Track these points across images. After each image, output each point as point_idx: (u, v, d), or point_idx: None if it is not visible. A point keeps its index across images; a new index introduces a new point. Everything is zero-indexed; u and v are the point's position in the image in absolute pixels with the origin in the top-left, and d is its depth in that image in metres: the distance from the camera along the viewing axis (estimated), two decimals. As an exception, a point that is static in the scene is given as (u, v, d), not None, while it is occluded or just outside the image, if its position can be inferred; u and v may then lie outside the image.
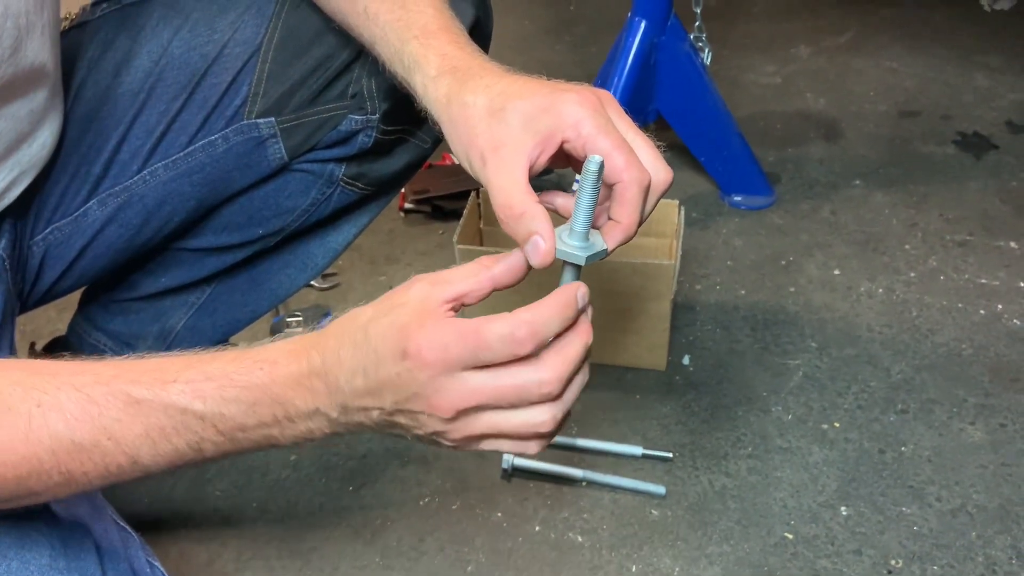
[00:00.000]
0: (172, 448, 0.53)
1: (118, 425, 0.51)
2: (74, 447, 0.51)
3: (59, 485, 0.52)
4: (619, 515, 0.96)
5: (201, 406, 0.52)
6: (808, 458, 1.01)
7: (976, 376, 1.11)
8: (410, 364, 0.49)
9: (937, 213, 1.40)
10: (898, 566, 0.89)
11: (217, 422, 0.52)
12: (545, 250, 0.52)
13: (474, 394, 0.49)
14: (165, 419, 0.52)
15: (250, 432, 0.53)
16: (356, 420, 0.53)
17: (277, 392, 0.52)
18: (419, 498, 0.99)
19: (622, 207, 0.55)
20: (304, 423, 0.53)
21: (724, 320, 1.22)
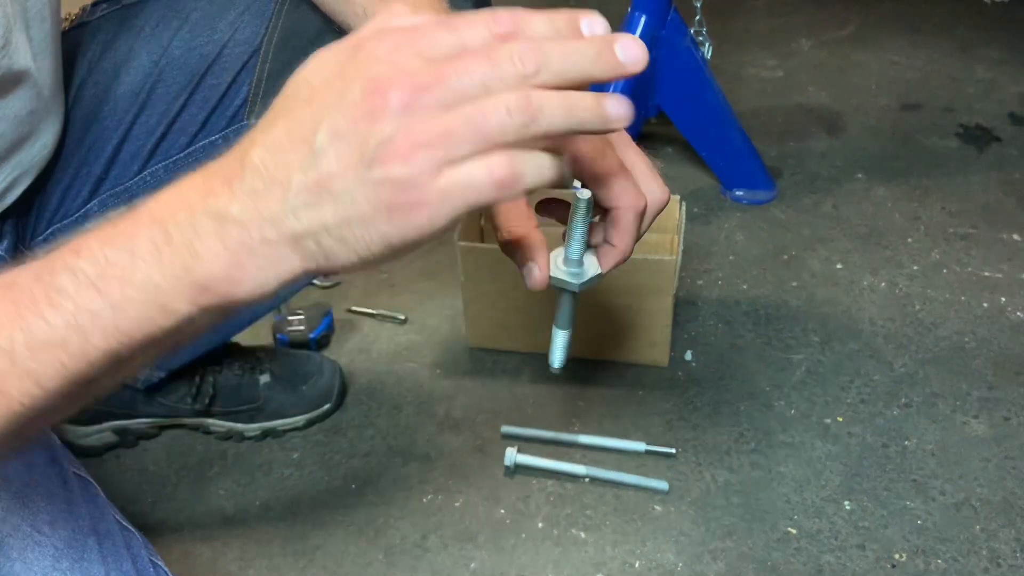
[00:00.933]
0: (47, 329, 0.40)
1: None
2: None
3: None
4: (622, 511, 0.96)
5: (73, 259, 0.40)
6: (811, 453, 1.01)
7: (979, 369, 1.11)
8: (360, 55, 0.38)
9: (939, 206, 1.40)
10: (902, 560, 0.89)
11: (92, 274, 0.40)
12: (539, 277, 0.52)
13: (433, 68, 0.37)
14: (38, 289, 0.40)
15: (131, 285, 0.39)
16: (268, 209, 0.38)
17: (159, 207, 0.40)
18: (422, 496, 0.99)
19: (618, 232, 0.55)
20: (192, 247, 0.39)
21: (726, 315, 1.22)
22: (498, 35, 0.38)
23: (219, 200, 0.38)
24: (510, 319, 1.15)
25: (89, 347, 0.41)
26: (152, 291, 0.39)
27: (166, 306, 0.39)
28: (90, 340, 0.40)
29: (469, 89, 0.37)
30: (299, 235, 0.38)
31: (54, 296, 0.40)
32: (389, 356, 1.19)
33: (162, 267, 0.39)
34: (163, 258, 0.39)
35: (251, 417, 1.05)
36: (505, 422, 1.07)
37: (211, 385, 1.03)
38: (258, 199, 0.38)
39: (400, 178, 0.36)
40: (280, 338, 1.17)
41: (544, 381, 1.14)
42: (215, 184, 0.39)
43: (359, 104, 0.36)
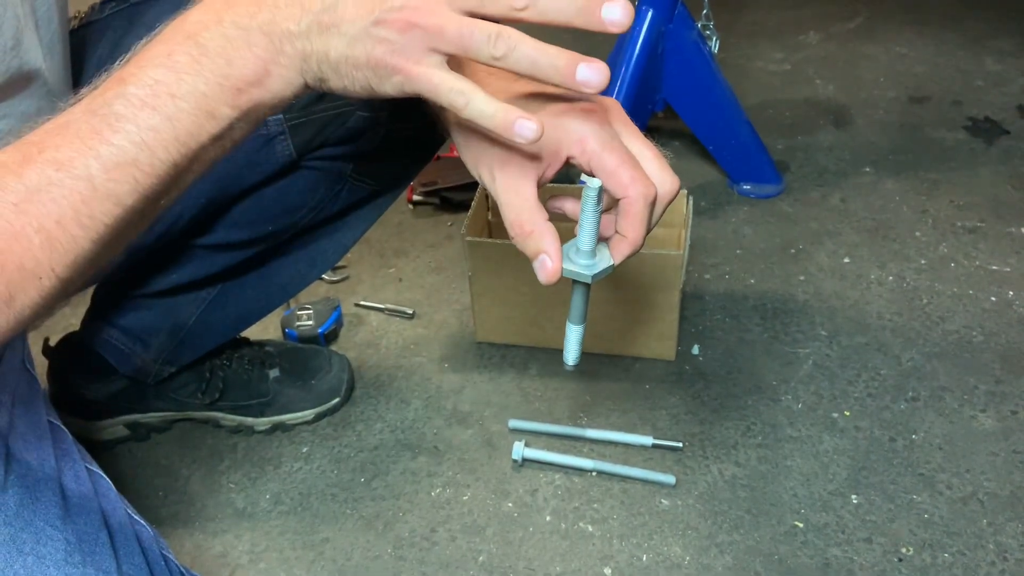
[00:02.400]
0: (115, 151, 0.45)
1: (58, 151, 0.45)
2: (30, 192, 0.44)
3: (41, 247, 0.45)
4: (629, 504, 0.97)
5: (122, 88, 0.46)
6: (818, 446, 1.02)
7: (987, 363, 1.11)
8: None
9: (947, 199, 1.40)
10: (909, 554, 0.90)
11: (144, 96, 0.45)
12: (552, 269, 0.54)
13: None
14: (97, 120, 0.45)
15: (181, 98, 0.45)
16: (282, 27, 0.46)
17: (188, 26, 0.46)
18: (430, 489, 1.00)
19: (628, 222, 0.56)
20: (221, 55, 0.45)
21: (733, 309, 1.22)
22: None
23: (245, 11, 0.45)
24: (517, 314, 1.15)
25: (156, 160, 0.46)
26: (200, 99, 0.46)
27: (213, 112, 0.46)
28: (156, 154, 0.46)
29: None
30: (307, 55, 0.46)
31: (114, 122, 0.45)
32: (397, 350, 1.20)
33: (204, 77, 0.45)
34: (203, 69, 0.45)
35: (261, 411, 1.05)
36: (513, 416, 1.08)
37: (221, 379, 1.03)
38: (281, 16, 0.45)
39: (392, 42, 0.45)
40: (289, 333, 1.18)
41: (551, 375, 1.14)
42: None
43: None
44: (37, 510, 0.58)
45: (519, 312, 1.15)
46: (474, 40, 0.46)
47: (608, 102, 0.57)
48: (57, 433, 0.66)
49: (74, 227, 0.45)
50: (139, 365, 0.95)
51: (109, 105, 0.45)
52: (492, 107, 0.48)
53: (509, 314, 1.16)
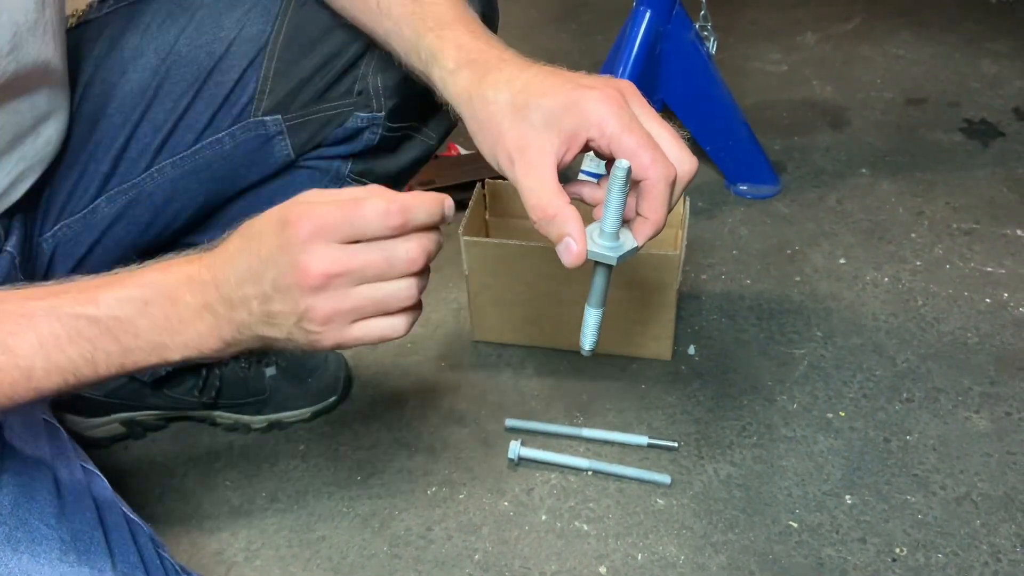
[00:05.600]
0: (66, 359, 0.52)
1: (12, 338, 0.51)
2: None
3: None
4: (625, 504, 0.97)
5: (95, 310, 0.53)
6: (813, 447, 1.02)
7: (981, 365, 1.11)
8: (288, 232, 0.52)
9: (943, 201, 1.40)
10: (902, 554, 0.90)
11: (112, 326, 0.53)
12: (578, 252, 0.55)
13: (344, 259, 0.52)
14: (59, 327, 0.52)
15: (142, 339, 0.53)
16: (239, 318, 0.54)
17: (170, 287, 0.54)
18: (426, 487, 1.00)
19: (650, 203, 0.56)
20: (193, 326, 0.54)
21: (729, 309, 1.22)
22: (393, 227, 0.52)
23: (208, 297, 0.54)
24: (514, 313, 1.16)
25: (95, 375, 0.54)
26: (157, 347, 0.54)
27: (164, 356, 0.55)
28: (98, 371, 0.54)
29: (370, 279, 0.53)
30: (257, 335, 0.55)
31: (75, 337, 0.52)
32: (394, 350, 1.20)
33: (170, 332, 0.54)
34: (171, 326, 0.54)
35: (257, 409, 1.05)
36: (509, 415, 1.08)
37: (217, 378, 1.03)
38: (232, 308, 0.54)
39: (317, 333, 0.54)
40: (286, 331, 1.18)
41: (548, 375, 1.14)
42: (207, 282, 0.54)
43: (292, 273, 0.52)
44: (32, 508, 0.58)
45: (516, 311, 1.15)
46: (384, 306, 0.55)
47: (623, 84, 0.57)
48: (52, 431, 0.66)
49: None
50: (134, 365, 0.96)
51: (76, 319, 0.52)
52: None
53: (506, 313, 1.16)
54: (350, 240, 0.52)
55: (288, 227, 0.52)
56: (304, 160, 0.81)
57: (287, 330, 0.54)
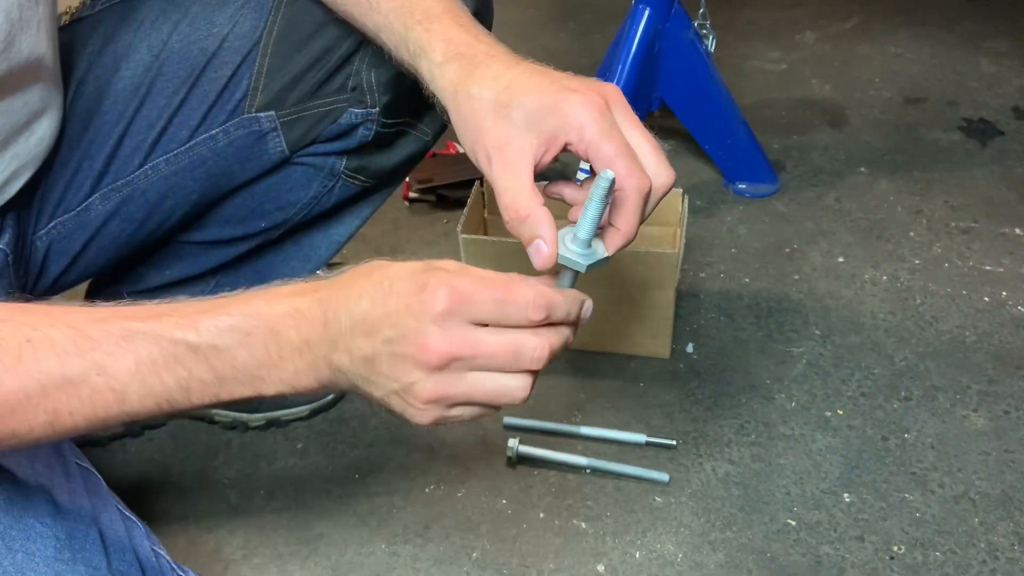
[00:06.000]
0: (161, 385, 0.51)
1: (110, 359, 0.50)
2: (64, 382, 0.49)
3: (43, 426, 0.50)
4: (623, 502, 0.97)
5: (195, 337, 0.51)
6: (811, 445, 1.02)
7: (980, 363, 1.11)
8: (424, 297, 0.49)
9: (942, 200, 1.40)
10: (900, 552, 0.90)
11: (210, 355, 0.51)
12: (548, 255, 0.54)
13: (472, 342, 0.50)
14: (157, 352, 0.50)
15: (240, 370, 0.51)
16: (337, 362, 0.52)
17: (274, 321, 0.51)
18: (424, 485, 1.00)
19: (622, 214, 0.56)
20: (292, 362, 0.52)
21: (728, 308, 1.22)
22: (532, 320, 0.51)
23: (313, 334, 0.51)
24: (512, 311, 1.15)
25: (188, 403, 0.52)
26: (254, 379, 0.52)
27: (259, 389, 0.53)
28: (192, 399, 0.52)
29: (489, 368, 0.51)
30: (353, 385, 0.53)
31: (172, 363, 0.50)
32: (392, 347, 1.20)
33: (267, 366, 0.52)
34: (270, 360, 0.52)
35: (255, 407, 1.05)
36: (507, 413, 1.08)
37: (215, 376, 1.03)
38: (335, 350, 0.51)
39: (415, 408, 0.51)
40: (284, 329, 1.18)
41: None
42: (316, 319, 0.52)
43: (413, 342, 0.49)
44: (27, 506, 0.58)
45: (514, 310, 1.15)
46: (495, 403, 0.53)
47: (609, 89, 0.57)
48: None
49: (82, 421, 0.51)
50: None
51: (176, 344, 0.50)
52: None
53: (504, 312, 1.16)
54: (484, 323, 0.50)
55: (425, 291, 0.49)
56: (298, 157, 0.81)
57: (384, 393, 0.52)
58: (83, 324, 0.50)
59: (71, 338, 0.49)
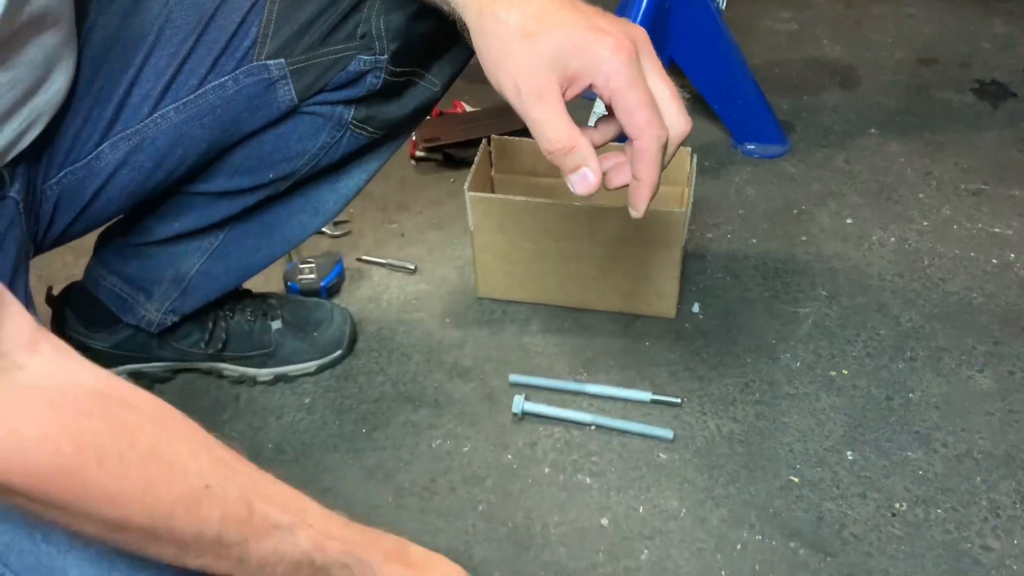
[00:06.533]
0: (271, 573, 0.57)
1: (254, 541, 0.55)
2: (212, 542, 0.53)
3: (171, 557, 0.54)
4: (627, 458, 0.98)
5: (320, 558, 0.58)
6: (815, 404, 1.02)
7: (986, 324, 1.11)
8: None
9: (952, 162, 1.39)
10: (902, 509, 0.91)
11: (318, 574, 0.59)
12: (595, 183, 0.57)
13: None
14: (288, 553, 0.56)
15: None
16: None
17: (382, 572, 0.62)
18: (431, 440, 1.01)
19: (643, 165, 0.57)
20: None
21: (735, 269, 1.22)
22: None
23: None
24: (519, 269, 1.16)
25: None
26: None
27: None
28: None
29: None
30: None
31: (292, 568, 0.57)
32: (399, 305, 1.20)
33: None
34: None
35: (263, 362, 1.06)
36: (513, 371, 1.08)
37: (224, 330, 1.04)
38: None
39: None
40: (291, 286, 1.18)
41: (552, 332, 1.15)
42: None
43: None
44: None
45: (521, 268, 1.15)
46: None
47: (637, 32, 0.57)
48: None
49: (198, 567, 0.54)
50: (142, 314, 0.96)
51: (303, 555, 0.58)
52: None
53: (511, 270, 1.16)
54: None
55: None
56: (306, 106, 0.80)
57: None
58: (252, 492, 0.55)
59: (238, 502, 0.54)
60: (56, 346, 0.51)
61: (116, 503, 0.49)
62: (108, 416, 0.50)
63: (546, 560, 0.88)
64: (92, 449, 0.48)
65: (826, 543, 0.88)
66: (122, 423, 0.51)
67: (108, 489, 0.49)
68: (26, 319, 0.50)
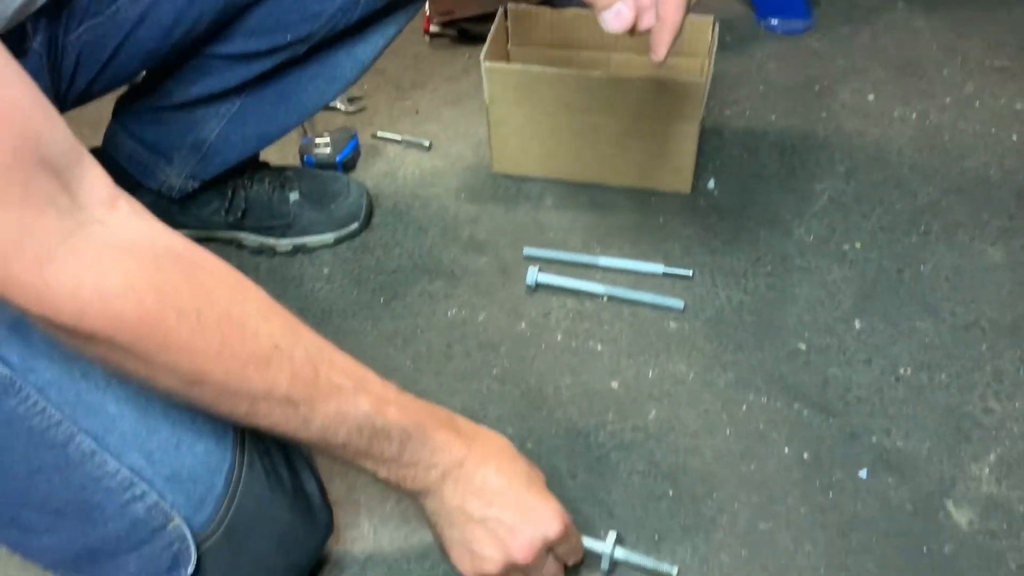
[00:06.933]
0: (333, 433, 0.59)
1: (320, 399, 0.57)
2: (284, 399, 0.56)
3: (243, 416, 0.57)
4: (638, 327, 1.00)
5: (380, 421, 0.60)
6: (826, 276, 1.04)
7: (1002, 199, 1.11)
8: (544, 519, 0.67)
9: (978, 38, 1.36)
10: (906, 374, 0.93)
11: (379, 436, 0.61)
12: (629, 18, 0.61)
13: (540, 565, 0.69)
14: (350, 414, 0.59)
15: (384, 455, 0.62)
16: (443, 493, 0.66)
17: (430, 441, 0.64)
18: (447, 309, 1.04)
19: (667, 5, 0.60)
20: (416, 471, 0.64)
21: (752, 145, 1.21)
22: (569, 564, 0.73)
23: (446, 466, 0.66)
24: (535, 144, 1.16)
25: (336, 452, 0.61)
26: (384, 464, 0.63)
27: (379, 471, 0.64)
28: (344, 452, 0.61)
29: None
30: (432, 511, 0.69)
31: (353, 427, 0.60)
32: (414, 181, 1.21)
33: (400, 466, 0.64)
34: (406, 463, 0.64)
35: (282, 232, 1.08)
36: (527, 245, 1.10)
37: (243, 199, 1.05)
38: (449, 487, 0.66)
39: (466, 567, 0.69)
40: (307, 160, 1.19)
41: (566, 207, 1.15)
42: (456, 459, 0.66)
43: (510, 535, 0.66)
44: None
45: (536, 143, 1.15)
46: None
47: None
48: None
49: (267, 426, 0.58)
50: (163, 179, 0.97)
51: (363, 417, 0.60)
52: None
53: (526, 144, 1.16)
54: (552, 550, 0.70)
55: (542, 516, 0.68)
56: None
57: (458, 541, 0.68)
58: (317, 356, 0.58)
59: (304, 366, 0.57)
60: (133, 206, 0.53)
61: (194, 357, 0.52)
62: (186, 274, 0.52)
63: (557, 418, 0.91)
64: (172, 303, 0.50)
65: (830, 404, 0.90)
66: (199, 282, 0.53)
67: (187, 342, 0.51)
68: (104, 177, 0.51)
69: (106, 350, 0.51)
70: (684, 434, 0.89)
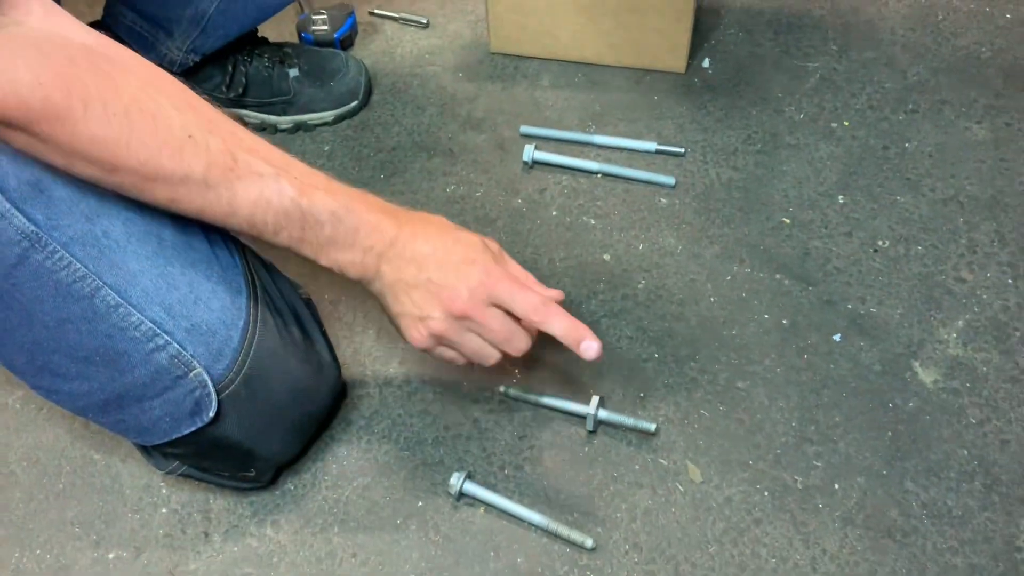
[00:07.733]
0: (262, 220, 0.62)
1: (240, 185, 0.61)
2: (201, 184, 0.59)
3: (164, 202, 0.61)
4: (630, 202, 1.04)
5: (307, 203, 0.63)
6: (814, 153, 1.06)
7: (990, 78, 1.12)
8: (472, 269, 0.67)
9: (983, -86, 1.34)
10: (884, 246, 0.97)
11: (309, 221, 0.63)
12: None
13: (485, 314, 0.68)
14: (275, 198, 0.62)
15: (319, 241, 0.65)
16: (383, 271, 0.68)
17: (362, 222, 0.66)
18: (445, 186, 1.07)
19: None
20: (353, 254, 0.66)
21: (748, 24, 1.22)
22: (530, 321, 0.69)
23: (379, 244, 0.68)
24: (532, 22, 1.16)
25: (271, 240, 0.64)
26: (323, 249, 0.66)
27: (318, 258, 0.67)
28: (276, 238, 0.64)
29: (482, 336, 0.70)
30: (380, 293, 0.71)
31: (280, 212, 0.63)
32: (412, 59, 1.22)
33: (336, 247, 0.66)
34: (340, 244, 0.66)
35: (283, 110, 1.10)
36: (524, 123, 1.12)
37: (243, 75, 1.07)
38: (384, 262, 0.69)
39: (415, 332, 0.70)
40: (305, 36, 1.20)
41: (563, 87, 1.17)
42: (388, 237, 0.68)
43: (447, 293, 0.67)
44: None
45: (534, 21, 1.16)
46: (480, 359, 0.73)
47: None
48: None
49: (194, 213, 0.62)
50: (165, 52, 0.99)
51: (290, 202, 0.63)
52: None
53: (524, 22, 1.16)
54: (499, 304, 0.68)
55: (473, 266, 0.67)
56: None
57: (402, 312, 0.69)
58: (235, 145, 0.61)
59: (221, 155, 0.60)
60: (48, 7, 0.57)
61: (103, 145, 0.56)
62: (93, 67, 0.56)
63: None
64: (79, 95, 0.55)
65: (809, 274, 0.95)
66: (107, 74, 0.57)
67: (95, 132, 0.56)
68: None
69: (25, 140, 0.56)
70: (671, 302, 0.94)
